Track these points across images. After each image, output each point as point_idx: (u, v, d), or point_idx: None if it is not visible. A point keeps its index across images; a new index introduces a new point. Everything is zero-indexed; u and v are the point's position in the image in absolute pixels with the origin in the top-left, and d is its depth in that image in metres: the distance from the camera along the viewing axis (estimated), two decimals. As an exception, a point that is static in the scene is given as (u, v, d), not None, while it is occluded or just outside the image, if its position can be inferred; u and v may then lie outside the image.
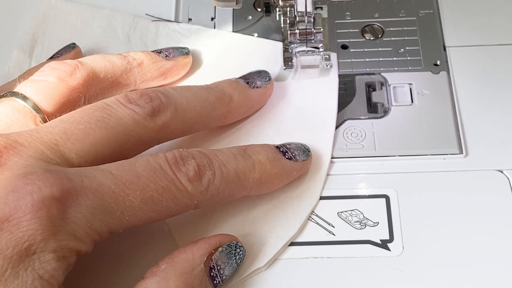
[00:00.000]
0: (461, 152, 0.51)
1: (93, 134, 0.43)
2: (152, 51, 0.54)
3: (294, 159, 0.48)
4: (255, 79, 0.52)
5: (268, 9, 0.56)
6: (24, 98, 0.47)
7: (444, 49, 0.57)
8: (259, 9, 0.60)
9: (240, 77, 0.53)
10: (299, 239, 0.47)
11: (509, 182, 0.49)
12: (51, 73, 0.49)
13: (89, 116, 0.44)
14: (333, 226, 0.48)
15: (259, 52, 0.57)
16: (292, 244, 0.47)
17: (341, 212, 0.49)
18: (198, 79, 0.56)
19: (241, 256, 0.45)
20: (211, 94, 0.49)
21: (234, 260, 0.44)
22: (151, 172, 0.42)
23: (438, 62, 0.56)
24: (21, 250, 0.37)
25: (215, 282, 0.43)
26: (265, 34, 0.59)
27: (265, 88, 0.52)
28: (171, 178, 0.43)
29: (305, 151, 0.49)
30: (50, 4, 0.61)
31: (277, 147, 0.49)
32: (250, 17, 0.60)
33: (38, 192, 0.39)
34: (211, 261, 0.43)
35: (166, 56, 0.54)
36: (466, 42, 0.57)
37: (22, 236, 0.38)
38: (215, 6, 0.53)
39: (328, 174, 0.50)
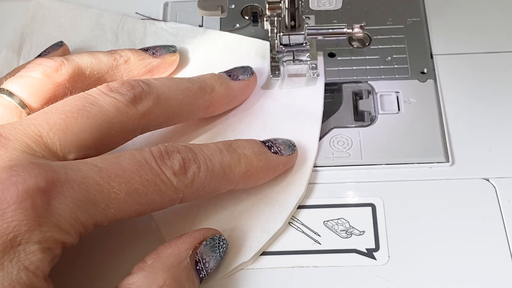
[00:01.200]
0: (448, 161, 0.51)
1: (75, 123, 0.43)
2: (139, 49, 0.55)
3: (280, 153, 0.49)
4: (238, 73, 0.53)
5: (256, 18, 0.56)
6: (10, 94, 0.48)
7: (431, 57, 0.57)
8: (246, 17, 0.60)
9: (223, 72, 0.53)
10: (284, 248, 0.47)
11: (496, 190, 0.49)
12: (37, 69, 0.49)
13: (71, 106, 0.44)
14: (319, 235, 0.48)
15: (246, 50, 0.57)
16: (278, 253, 0.47)
17: (327, 221, 0.48)
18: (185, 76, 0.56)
19: (225, 249, 0.45)
20: (193, 84, 0.50)
21: (218, 253, 0.45)
22: (136, 165, 0.42)
23: (425, 70, 0.56)
24: (6, 241, 0.38)
25: (201, 275, 0.44)
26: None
27: (247, 81, 0.53)
28: (156, 172, 0.43)
29: (291, 146, 0.50)
30: (39, 3, 0.61)
31: (263, 142, 0.49)
32: (238, 25, 0.60)
33: (23, 183, 0.39)
34: (196, 255, 0.44)
35: (153, 53, 0.55)
36: (453, 50, 0.57)
37: (7, 227, 0.38)
38: (202, 14, 0.54)
39: (314, 183, 0.50)
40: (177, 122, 0.50)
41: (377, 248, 0.47)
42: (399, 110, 0.54)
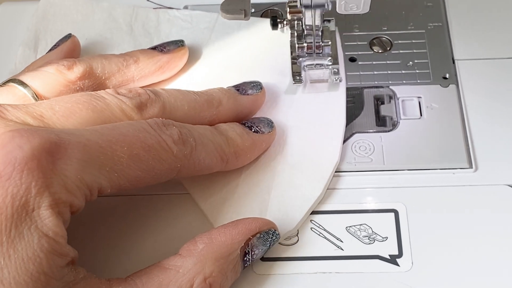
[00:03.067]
0: (471, 167, 0.50)
1: (80, 113, 0.44)
2: (147, 48, 0.56)
3: (260, 131, 0.50)
4: (246, 88, 0.53)
5: (276, 22, 0.56)
6: (24, 85, 0.49)
7: (453, 62, 0.56)
8: (267, 22, 0.60)
9: (231, 86, 0.53)
10: (306, 254, 0.47)
11: (520, 197, 0.49)
12: (51, 66, 0.50)
13: (78, 98, 0.45)
14: (341, 241, 0.47)
15: (261, 32, 0.58)
16: (300, 259, 0.47)
17: (350, 226, 0.48)
18: (202, 65, 0.57)
19: (275, 241, 0.46)
20: (200, 97, 0.50)
21: (268, 246, 0.45)
22: (136, 131, 0.43)
23: (447, 75, 0.56)
24: (20, 207, 0.38)
25: (245, 265, 0.45)
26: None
27: (256, 96, 0.53)
28: (157, 138, 0.43)
29: (269, 123, 0.51)
30: (48, 1, 0.62)
31: (243, 123, 0.51)
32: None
33: (27, 143, 0.39)
34: (247, 246, 0.44)
35: (161, 50, 0.55)
36: (475, 55, 0.57)
37: (17, 191, 0.38)
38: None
39: (336, 188, 0.50)
40: None
41: (400, 254, 0.47)
42: (421, 115, 0.54)
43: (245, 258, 0.44)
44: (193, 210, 0.49)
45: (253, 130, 0.50)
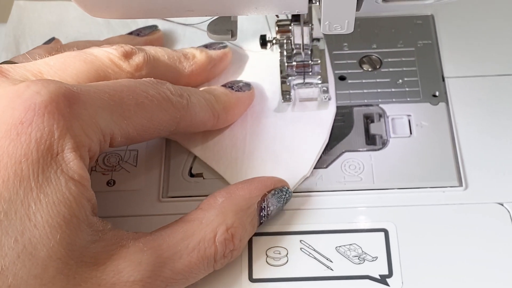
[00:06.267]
0: (461, 185, 0.50)
1: (74, 65, 0.46)
2: (124, 34, 0.59)
3: (241, 90, 0.54)
4: (213, 45, 0.56)
5: (265, 42, 0.56)
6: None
7: (443, 80, 0.56)
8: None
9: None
10: (296, 274, 0.47)
11: (510, 215, 0.48)
12: (39, 49, 0.52)
13: (69, 53, 0.47)
14: (331, 261, 0.47)
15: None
16: (289, 279, 0.46)
17: (339, 246, 0.48)
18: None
19: (288, 199, 0.49)
20: (176, 52, 0.53)
21: (282, 203, 0.48)
22: (137, 84, 0.45)
23: (437, 93, 0.55)
24: (44, 151, 0.39)
25: (261, 221, 0.47)
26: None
27: (223, 50, 0.56)
28: (157, 90, 0.46)
29: (247, 83, 0.55)
30: (20, 6, 0.62)
31: (223, 85, 0.54)
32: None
33: (44, 89, 0.40)
34: (263, 202, 0.47)
35: (138, 34, 0.59)
36: (465, 72, 0.57)
37: (41, 135, 0.39)
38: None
39: (325, 208, 0.50)
40: None
41: (390, 274, 0.46)
42: (411, 133, 0.53)
43: (261, 214, 0.47)
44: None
45: (234, 89, 0.53)
